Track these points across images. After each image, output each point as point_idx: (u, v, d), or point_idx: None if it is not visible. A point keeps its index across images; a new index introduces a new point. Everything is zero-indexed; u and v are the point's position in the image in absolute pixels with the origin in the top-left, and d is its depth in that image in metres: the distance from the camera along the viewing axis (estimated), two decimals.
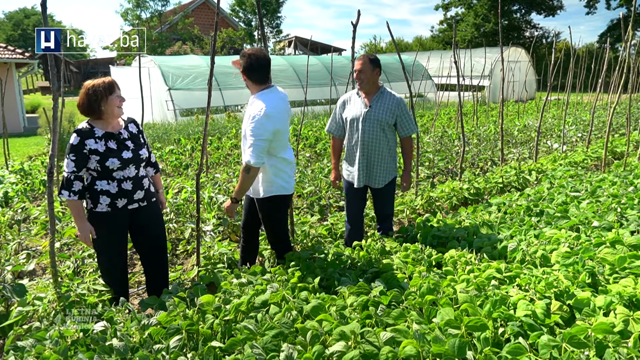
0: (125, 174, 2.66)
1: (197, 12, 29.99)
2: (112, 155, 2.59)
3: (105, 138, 2.61)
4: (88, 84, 2.58)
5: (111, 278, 2.86)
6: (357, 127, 3.46)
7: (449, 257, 3.03)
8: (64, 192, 2.56)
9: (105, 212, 2.65)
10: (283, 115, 2.90)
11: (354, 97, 3.54)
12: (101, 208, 2.64)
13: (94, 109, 2.57)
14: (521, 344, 1.80)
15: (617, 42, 30.77)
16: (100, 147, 2.58)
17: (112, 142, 2.63)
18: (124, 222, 2.76)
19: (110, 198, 2.64)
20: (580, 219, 3.58)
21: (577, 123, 11.52)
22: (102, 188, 2.62)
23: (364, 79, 3.38)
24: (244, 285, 2.61)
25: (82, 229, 2.62)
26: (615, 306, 2.11)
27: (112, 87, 2.59)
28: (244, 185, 2.84)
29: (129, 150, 2.68)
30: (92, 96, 2.55)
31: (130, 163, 2.67)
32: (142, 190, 2.77)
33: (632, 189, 4.50)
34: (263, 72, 2.83)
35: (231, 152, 8.97)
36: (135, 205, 2.75)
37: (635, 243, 2.79)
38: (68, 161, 2.53)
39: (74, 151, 2.52)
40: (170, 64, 13.74)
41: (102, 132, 2.61)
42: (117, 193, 2.65)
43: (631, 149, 7.75)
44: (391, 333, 1.88)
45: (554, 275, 2.49)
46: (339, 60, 18.37)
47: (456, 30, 6.10)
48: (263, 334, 1.93)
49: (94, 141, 2.57)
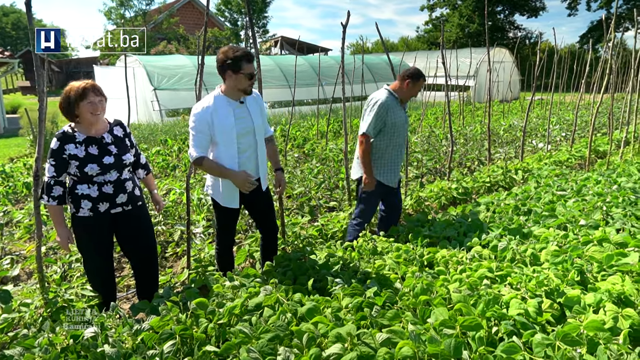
0: (105, 178, 2.61)
1: (182, 12, 29.72)
2: (91, 161, 2.54)
3: (86, 143, 2.55)
4: (68, 87, 2.54)
5: (97, 282, 2.81)
6: (402, 131, 3.69)
7: (441, 257, 3.05)
8: (44, 196, 2.53)
9: (88, 217, 2.61)
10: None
11: (393, 102, 3.62)
12: (83, 212, 2.59)
13: (71, 113, 2.54)
14: (515, 342, 1.82)
15: (597, 43, 31.40)
16: (80, 153, 2.53)
17: (93, 147, 2.57)
18: (108, 227, 2.71)
19: (91, 202, 2.59)
20: (567, 217, 3.63)
21: (561, 123, 11.72)
22: (83, 192, 2.58)
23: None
24: (236, 288, 2.59)
25: (61, 234, 2.60)
26: (605, 303, 2.15)
27: (85, 94, 2.49)
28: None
29: (111, 155, 2.62)
30: (67, 101, 2.51)
31: (111, 168, 2.62)
32: (125, 193, 2.70)
33: (615, 187, 4.59)
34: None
35: None
36: (119, 209, 2.70)
37: (622, 241, 2.85)
38: (48, 166, 2.50)
39: (54, 156, 2.49)
40: (156, 64, 13.57)
41: (83, 137, 2.56)
42: (97, 197, 2.60)
43: (613, 148, 7.91)
44: (387, 334, 1.88)
45: (544, 273, 2.53)
46: (325, 60, 18.37)
47: (443, 30, 6.13)
48: (258, 338, 1.92)
49: (74, 146, 2.52)
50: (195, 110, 2.80)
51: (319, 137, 10.06)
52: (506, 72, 21.48)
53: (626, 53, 16.56)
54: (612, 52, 7.53)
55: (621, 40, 13.57)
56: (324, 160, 7.21)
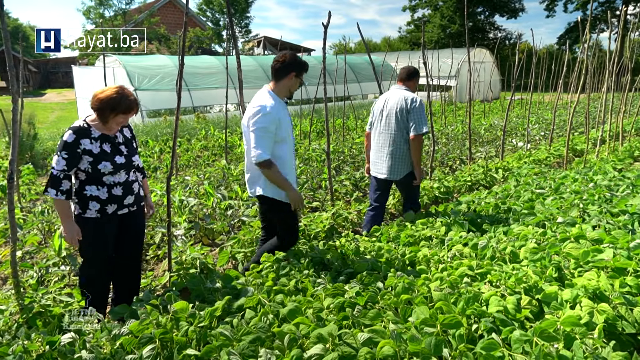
0: (115, 179, 2.60)
1: (163, 11, 29.36)
2: (105, 158, 2.52)
3: (101, 140, 2.54)
4: (122, 89, 2.53)
5: (93, 286, 2.70)
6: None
7: (422, 256, 3.08)
8: (50, 190, 2.42)
9: (94, 218, 2.57)
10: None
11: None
12: (90, 214, 2.55)
13: (105, 114, 2.51)
14: (494, 339, 1.84)
15: (574, 44, 32.08)
16: (95, 149, 2.50)
17: (107, 145, 2.57)
18: (113, 228, 2.68)
19: (100, 204, 2.56)
20: (545, 215, 3.70)
21: (540, 122, 11.94)
22: (92, 193, 2.54)
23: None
24: (218, 290, 2.56)
25: (69, 229, 2.50)
26: (581, 299, 2.19)
27: (129, 111, 2.54)
28: None
29: (122, 155, 2.62)
30: (111, 104, 2.48)
31: (122, 168, 2.61)
32: (132, 195, 2.72)
33: (592, 185, 4.70)
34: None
35: (201, 153, 8.82)
36: (125, 210, 2.70)
37: (597, 237, 2.91)
38: (59, 159, 2.41)
39: (67, 149, 2.42)
40: (137, 64, 13.37)
41: (98, 134, 2.55)
42: (107, 199, 2.58)
43: (590, 146, 8.09)
44: (368, 334, 1.88)
45: (523, 270, 2.57)
46: (308, 60, 18.35)
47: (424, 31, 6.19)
48: (240, 340, 1.91)
49: (89, 141, 2.49)
50: (263, 109, 2.78)
51: (302, 137, 10.05)
52: (487, 72, 21.79)
53: (602, 54, 16.96)
54: (587, 52, 7.70)
55: (596, 41, 13.89)
56: (307, 161, 7.21)
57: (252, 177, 3.02)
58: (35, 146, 8.61)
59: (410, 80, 4.00)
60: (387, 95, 4.01)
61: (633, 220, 3.33)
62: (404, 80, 4.00)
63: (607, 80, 7.96)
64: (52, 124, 16.08)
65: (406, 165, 3.93)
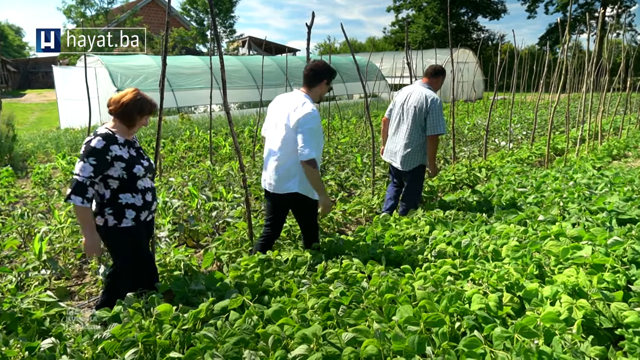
0: (145, 185, 2.61)
1: (146, 10, 29.01)
2: (136, 162, 2.53)
3: (126, 145, 2.53)
4: (139, 91, 2.55)
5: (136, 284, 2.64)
6: None
7: (407, 255, 3.10)
8: (75, 197, 2.33)
9: (130, 227, 2.54)
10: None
11: None
12: (126, 223, 2.52)
13: (132, 117, 2.51)
14: (476, 336, 1.87)
15: (555, 45, 32.67)
16: (125, 154, 2.49)
17: (132, 149, 2.57)
18: (144, 235, 2.71)
19: (135, 212, 2.55)
20: (527, 213, 3.76)
21: (522, 122, 12.13)
22: (128, 201, 2.52)
23: None
24: (202, 292, 2.55)
25: (92, 240, 2.44)
26: (561, 295, 2.24)
27: (154, 109, 2.61)
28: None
29: (144, 159, 2.64)
30: (138, 106, 2.50)
31: (148, 171, 2.64)
32: (155, 200, 2.75)
33: (572, 183, 4.79)
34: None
35: (185, 154, 8.75)
36: (151, 216, 2.72)
37: (577, 235, 2.97)
38: (85, 165, 2.35)
39: (96, 155, 2.37)
40: (119, 64, 13.19)
41: (123, 139, 2.53)
42: (142, 206, 2.58)
43: (570, 145, 8.25)
44: (352, 333, 1.89)
45: (505, 268, 2.61)
46: (293, 60, 18.34)
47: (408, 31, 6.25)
48: (224, 342, 1.90)
49: (118, 147, 2.47)
50: (314, 111, 2.95)
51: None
52: (470, 72, 22.04)
53: (582, 54, 17.30)
54: (567, 53, 7.86)
55: (576, 42, 14.18)
56: None
57: (286, 175, 3.07)
58: (15, 148, 8.43)
59: (436, 77, 4.19)
60: (410, 90, 4.20)
61: (611, 218, 3.41)
62: (429, 76, 4.20)
63: (587, 81, 8.12)
64: (32, 125, 15.76)
65: (417, 158, 4.14)
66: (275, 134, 3.09)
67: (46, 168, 7.07)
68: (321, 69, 3.09)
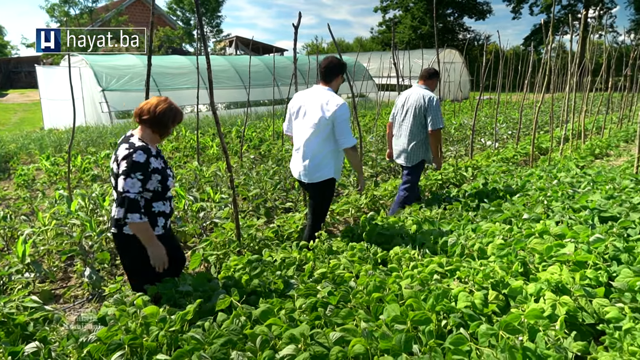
0: (169, 193, 2.59)
1: (131, 9, 28.68)
2: (167, 173, 2.50)
3: (158, 156, 2.48)
4: (170, 100, 2.52)
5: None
6: None
7: (394, 254, 3.12)
8: (133, 215, 2.28)
9: (161, 235, 2.51)
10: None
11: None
12: (157, 231, 2.49)
13: (167, 126, 2.48)
14: (462, 334, 1.90)
15: (539, 45, 33.13)
16: (159, 165, 2.44)
17: (161, 160, 2.51)
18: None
19: (164, 219, 2.54)
20: (512, 212, 3.82)
21: (508, 121, 12.29)
22: (159, 210, 2.50)
23: None
24: (190, 293, 2.53)
25: (159, 250, 2.42)
26: (544, 292, 2.28)
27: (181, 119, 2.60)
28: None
29: (169, 167, 2.59)
30: (172, 115, 2.48)
31: (174, 181, 2.60)
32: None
33: (556, 182, 4.87)
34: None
35: (172, 155, 8.68)
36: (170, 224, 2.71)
37: (560, 233, 3.03)
38: (134, 181, 2.29)
39: (142, 169, 2.32)
40: (104, 64, 13.03)
41: (154, 150, 2.47)
42: (169, 213, 2.58)
43: (554, 144, 8.38)
44: (340, 333, 1.90)
45: (490, 266, 2.64)
46: (281, 60, 18.32)
47: (394, 32, 6.29)
48: (211, 343, 1.89)
49: (154, 159, 2.41)
50: (344, 103, 3.27)
51: (275, 137, 10.02)
52: (456, 72, 22.25)
53: (565, 55, 17.58)
54: (550, 54, 7.98)
55: (559, 43, 14.40)
56: (280, 161, 7.19)
57: (323, 162, 3.37)
58: None
59: (431, 80, 4.55)
60: (409, 92, 4.54)
61: (593, 216, 3.48)
62: (425, 79, 4.55)
63: (570, 81, 8.26)
64: (15, 125, 15.49)
65: (420, 154, 4.49)
66: (307, 127, 3.33)
67: (29, 169, 6.96)
68: (335, 65, 3.35)
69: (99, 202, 4.60)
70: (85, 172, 6.94)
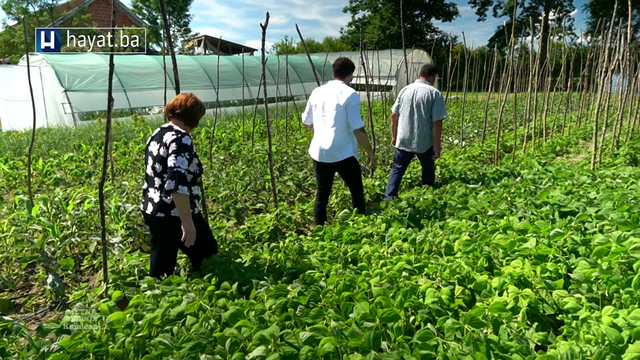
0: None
1: (94, 8, 27.78)
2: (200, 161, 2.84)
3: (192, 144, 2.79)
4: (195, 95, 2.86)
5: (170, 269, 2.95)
6: None
7: (364, 253, 3.16)
8: (183, 187, 2.58)
9: (196, 215, 2.83)
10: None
11: None
12: (195, 211, 2.83)
13: (196, 118, 2.85)
14: (430, 329, 1.94)
15: (503, 46, 34.07)
16: (195, 151, 2.76)
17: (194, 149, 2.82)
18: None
19: (197, 202, 2.86)
20: (478, 208, 3.92)
21: (474, 120, 12.60)
22: (196, 193, 2.82)
23: None
24: (157, 297, 2.49)
25: (193, 227, 2.69)
26: (508, 286, 2.36)
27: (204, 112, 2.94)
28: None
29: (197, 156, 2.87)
30: (199, 108, 2.84)
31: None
32: None
33: (519, 179, 5.04)
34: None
35: (139, 157, 8.47)
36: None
37: (523, 228, 3.13)
38: (182, 159, 2.61)
39: (189, 151, 2.67)
40: (66, 63, 12.58)
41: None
42: (200, 196, 2.91)
43: (518, 142, 8.66)
44: (310, 332, 1.91)
45: (457, 262, 2.71)
46: (250, 60, 18.18)
47: (364, 32, 6.39)
48: (180, 347, 1.87)
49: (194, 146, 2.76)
50: (355, 92, 3.90)
51: (245, 138, 9.94)
52: None
53: (528, 55, 18.17)
54: (513, 55, 8.24)
55: (522, 44, 14.87)
56: (250, 162, 7.14)
57: (342, 144, 3.96)
58: None
59: (431, 75, 5.12)
60: (415, 87, 5.06)
61: (553, 211, 3.62)
62: (426, 75, 5.11)
63: (532, 81, 8.55)
64: None
65: (428, 142, 5.05)
66: (327, 114, 3.97)
67: None
68: (347, 64, 4.03)
69: (62, 207, 4.44)
70: (47, 175, 6.69)
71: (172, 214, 2.72)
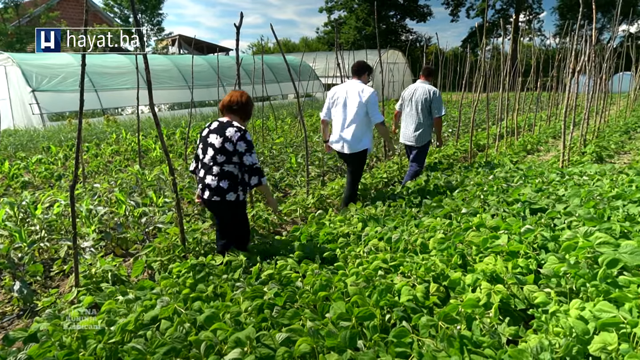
0: None
1: (63, 5, 26.99)
2: None
3: None
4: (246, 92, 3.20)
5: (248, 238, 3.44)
6: None
7: (340, 252, 3.17)
8: (263, 179, 3.11)
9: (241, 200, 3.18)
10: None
11: None
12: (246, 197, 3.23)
13: (250, 113, 3.21)
14: (405, 327, 1.96)
15: (476, 47, 34.73)
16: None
17: None
18: None
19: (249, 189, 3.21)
20: (452, 207, 3.99)
21: (448, 120, 12.81)
22: (248, 181, 3.14)
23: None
24: (131, 302, 2.44)
25: (275, 202, 3.51)
26: (481, 282, 2.40)
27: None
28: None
29: None
30: (251, 103, 3.19)
31: None
32: None
33: (492, 177, 5.15)
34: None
35: (112, 158, 8.29)
36: None
37: (495, 225, 3.21)
38: (255, 155, 3.06)
39: (253, 146, 3.07)
40: (34, 63, 12.18)
41: None
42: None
43: (491, 141, 8.85)
44: (286, 333, 1.91)
45: (432, 260, 2.75)
46: (226, 60, 18.00)
47: (339, 32, 6.45)
48: (154, 353, 1.83)
49: None
50: (374, 91, 4.43)
51: None
52: (400, 72, 22.90)
53: (500, 56, 18.59)
54: (485, 55, 8.42)
55: (493, 45, 15.21)
56: None
57: (361, 136, 4.48)
58: None
59: (430, 76, 5.62)
60: (415, 87, 5.55)
61: (524, 208, 3.71)
62: (425, 75, 5.60)
63: (503, 81, 8.75)
64: None
65: (426, 137, 5.52)
66: (348, 110, 4.46)
67: None
68: (364, 65, 4.54)
69: (30, 211, 4.31)
70: (14, 178, 6.46)
71: (227, 198, 3.07)
